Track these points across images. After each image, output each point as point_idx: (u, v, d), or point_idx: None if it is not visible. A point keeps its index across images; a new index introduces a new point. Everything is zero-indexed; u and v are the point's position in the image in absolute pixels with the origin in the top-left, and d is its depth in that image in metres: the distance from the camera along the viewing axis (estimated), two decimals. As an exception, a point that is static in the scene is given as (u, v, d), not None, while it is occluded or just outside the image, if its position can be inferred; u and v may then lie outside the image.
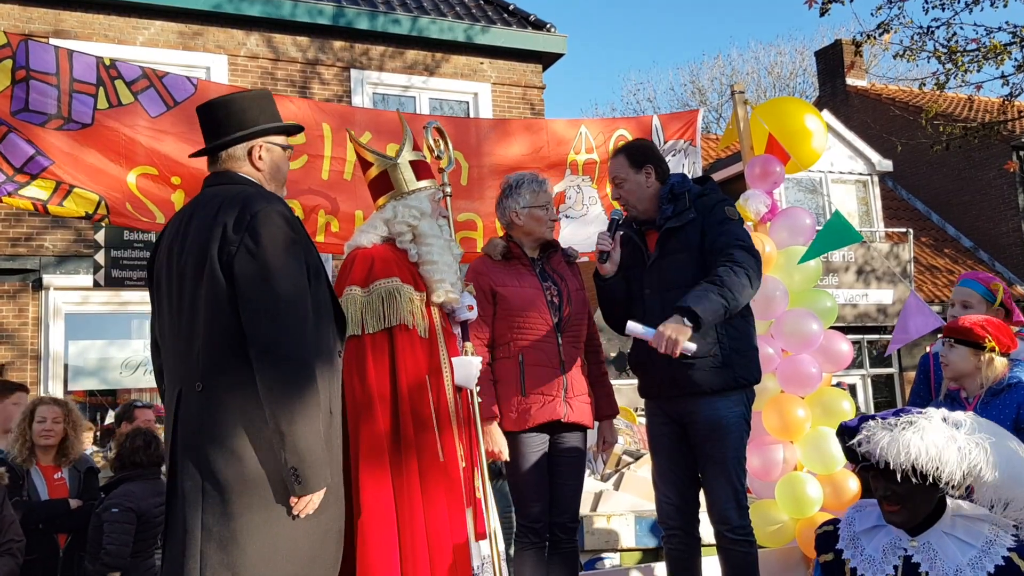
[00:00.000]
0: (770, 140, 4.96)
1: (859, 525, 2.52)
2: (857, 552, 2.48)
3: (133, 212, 3.74)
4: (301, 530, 2.48)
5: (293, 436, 2.39)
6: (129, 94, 3.76)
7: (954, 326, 3.51)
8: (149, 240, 8.25)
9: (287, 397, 2.39)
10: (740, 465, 3.54)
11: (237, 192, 2.61)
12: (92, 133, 3.67)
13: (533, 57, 12.39)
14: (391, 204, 3.24)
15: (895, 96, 18.72)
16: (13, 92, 3.51)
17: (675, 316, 3.21)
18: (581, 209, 4.68)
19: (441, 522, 2.90)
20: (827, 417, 4.52)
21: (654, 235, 3.61)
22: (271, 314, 2.42)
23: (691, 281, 3.40)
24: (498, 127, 4.99)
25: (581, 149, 4.76)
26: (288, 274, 2.47)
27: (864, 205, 16.08)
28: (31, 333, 9.64)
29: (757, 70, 32.03)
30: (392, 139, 4.10)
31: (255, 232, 2.47)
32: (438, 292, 3.14)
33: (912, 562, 2.37)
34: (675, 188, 3.62)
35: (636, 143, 3.93)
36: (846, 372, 13.70)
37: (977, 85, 10.87)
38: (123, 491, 4.32)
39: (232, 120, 2.73)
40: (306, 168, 4.15)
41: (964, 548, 2.33)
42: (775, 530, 4.46)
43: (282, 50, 11.11)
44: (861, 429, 2.39)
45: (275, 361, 2.40)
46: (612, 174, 3.72)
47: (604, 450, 3.92)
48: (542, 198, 3.71)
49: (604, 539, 4.95)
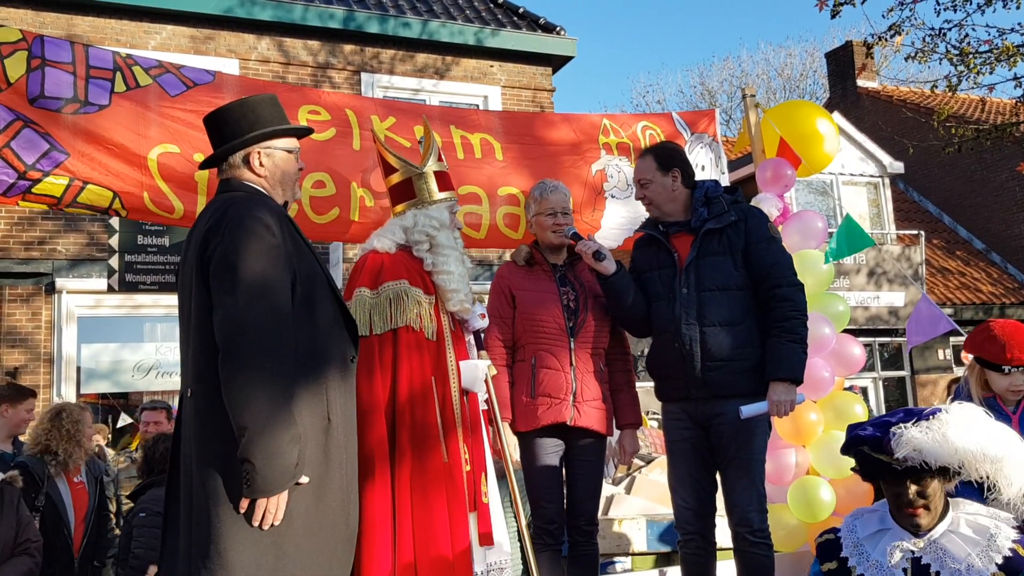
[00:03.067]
0: (781, 144, 4.96)
1: (862, 531, 2.52)
2: (863, 558, 2.48)
3: (151, 206, 3.62)
4: (301, 535, 2.48)
5: (247, 437, 2.34)
6: (147, 77, 3.68)
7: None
8: (163, 244, 8.30)
9: (242, 397, 2.35)
10: (763, 468, 3.57)
11: (224, 200, 2.65)
12: (110, 114, 3.56)
13: (543, 60, 12.40)
14: (411, 212, 3.26)
15: (906, 98, 18.66)
16: (29, 79, 3.44)
17: (777, 384, 3.44)
18: (626, 190, 4.65)
19: (441, 527, 2.89)
20: (839, 421, 4.50)
21: (685, 237, 3.65)
22: (230, 316, 2.41)
23: (730, 283, 3.53)
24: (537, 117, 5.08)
25: (610, 135, 4.74)
26: (250, 276, 2.45)
27: (875, 207, 16.03)
28: (44, 336, 9.70)
29: (767, 72, 32.00)
30: (417, 121, 4.06)
31: (226, 237, 2.49)
32: (452, 301, 3.18)
33: (922, 563, 2.37)
34: (710, 192, 3.68)
35: (666, 146, 3.94)
36: (857, 375, 13.65)
37: (990, 87, 10.85)
38: (151, 496, 4.33)
39: (227, 129, 2.76)
40: (336, 139, 3.99)
41: (970, 543, 2.34)
42: (787, 534, 4.44)
43: (293, 54, 11.15)
44: (891, 436, 2.37)
45: (232, 362, 2.38)
46: (639, 175, 3.76)
47: (624, 460, 3.92)
48: (544, 205, 3.77)
49: (616, 543, 4.94)
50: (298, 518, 2.47)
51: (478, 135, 4.36)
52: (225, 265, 2.46)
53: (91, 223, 9.87)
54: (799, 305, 3.54)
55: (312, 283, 2.64)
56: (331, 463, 2.57)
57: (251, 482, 2.34)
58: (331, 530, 2.56)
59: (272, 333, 2.42)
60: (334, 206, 3.89)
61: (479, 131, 4.38)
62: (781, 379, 3.43)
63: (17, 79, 3.43)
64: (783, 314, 3.50)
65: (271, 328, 2.42)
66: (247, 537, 2.41)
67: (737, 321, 3.51)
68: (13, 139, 3.40)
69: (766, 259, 3.56)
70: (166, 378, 10.29)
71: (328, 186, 3.88)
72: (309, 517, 2.50)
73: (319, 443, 2.54)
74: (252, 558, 2.40)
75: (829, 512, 4.39)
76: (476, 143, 4.33)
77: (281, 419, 2.37)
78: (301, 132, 2.95)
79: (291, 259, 2.57)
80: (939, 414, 2.38)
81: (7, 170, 3.36)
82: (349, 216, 3.93)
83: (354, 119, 4.05)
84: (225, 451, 2.41)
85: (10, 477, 4.23)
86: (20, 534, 4.16)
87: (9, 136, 3.38)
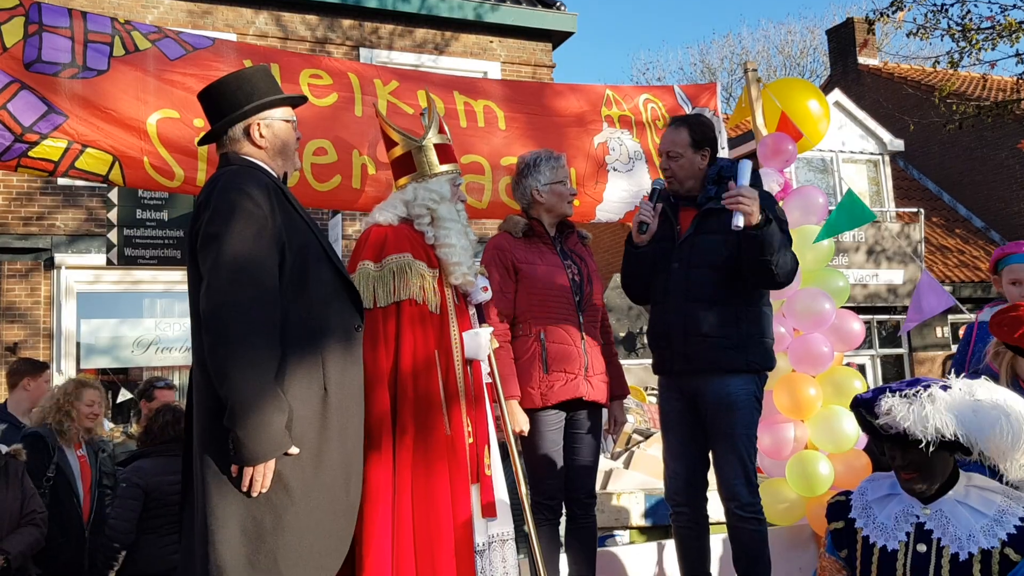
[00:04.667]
0: (782, 118, 4.94)
1: (872, 494, 2.56)
2: (869, 520, 2.51)
3: (151, 171, 3.57)
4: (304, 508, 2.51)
5: (230, 408, 2.38)
6: (146, 42, 3.62)
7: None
8: (161, 219, 8.28)
9: (225, 369, 2.39)
10: (750, 442, 3.55)
11: (217, 174, 2.67)
12: (108, 78, 3.50)
13: (543, 36, 12.33)
14: (412, 186, 3.24)
15: (907, 75, 18.57)
16: (26, 44, 3.37)
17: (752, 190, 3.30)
18: (627, 163, 4.62)
19: (443, 498, 2.90)
20: (838, 396, 4.53)
21: (689, 212, 3.62)
22: (213, 289, 2.45)
23: (721, 262, 3.48)
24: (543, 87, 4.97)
25: (612, 107, 4.70)
26: (233, 250, 2.46)
27: (875, 185, 16.00)
28: (43, 312, 9.71)
29: (767, 49, 31.85)
30: (420, 85, 4.03)
31: (211, 209, 2.52)
32: (455, 274, 3.16)
33: (924, 529, 2.40)
34: (723, 171, 3.60)
35: (701, 120, 3.79)
36: (855, 352, 13.69)
37: (991, 63, 10.81)
38: (134, 467, 4.36)
39: (224, 102, 2.75)
40: (337, 106, 3.94)
41: (977, 516, 2.36)
42: (785, 508, 4.48)
43: (291, 29, 11.08)
44: (878, 401, 2.41)
45: (215, 335, 2.41)
46: (669, 147, 3.63)
47: (614, 431, 3.94)
48: (561, 173, 3.72)
49: (614, 517, 4.98)
50: (296, 487, 2.49)
51: (482, 102, 4.30)
52: (209, 239, 2.49)
53: (89, 198, 9.85)
54: (787, 243, 3.49)
55: (305, 255, 2.65)
56: (328, 433, 2.58)
57: (237, 451, 2.39)
58: (330, 500, 2.58)
59: (253, 306, 2.44)
60: (336, 173, 3.86)
61: (482, 98, 4.33)
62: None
63: (14, 44, 3.36)
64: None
65: (252, 301, 2.44)
66: (245, 505, 2.44)
67: (723, 300, 3.50)
68: (10, 101, 3.32)
69: None
70: (165, 353, 10.31)
71: (330, 153, 3.84)
72: (307, 486, 2.52)
73: (316, 413, 2.56)
74: (251, 525, 2.44)
75: (827, 486, 4.42)
76: (479, 111, 4.27)
77: (264, 390, 2.40)
78: (296, 101, 2.94)
79: (280, 232, 2.58)
80: (932, 388, 2.39)
81: (4, 132, 3.29)
82: (351, 184, 3.89)
83: (356, 84, 4.00)
84: (217, 422, 2.44)
85: (14, 451, 4.26)
86: (26, 505, 4.19)
87: (6, 98, 3.31)
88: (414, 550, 2.82)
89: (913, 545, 2.41)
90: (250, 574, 2.42)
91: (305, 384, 2.54)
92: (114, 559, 4.29)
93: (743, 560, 3.54)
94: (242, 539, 2.42)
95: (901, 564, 2.41)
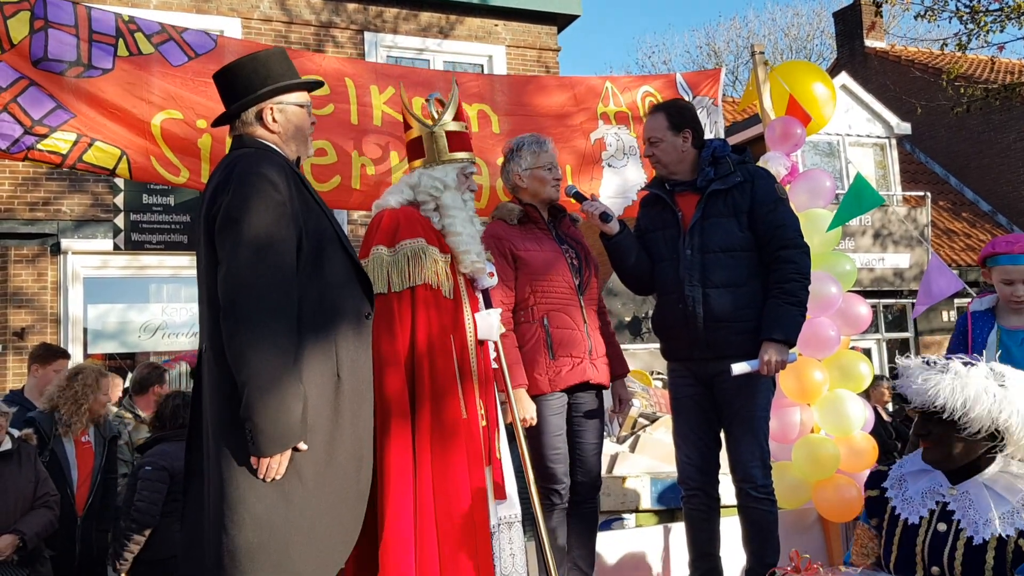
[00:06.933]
0: (791, 101, 4.92)
1: (908, 467, 2.57)
2: (900, 492, 2.53)
3: (158, 166, 3.63)
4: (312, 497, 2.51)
5: (247, 395, 2.35)
6: (150, 46, 3.68)
7: None
8: (168, 204, 8.29)
9: (243, 355, 2.36)
10: (766, 425, 3.58)
11: (233, 157, 2.64)
12: (113, 78, 3.56)
13: (548, 19, 12.26)
14: (418, 171, 3.24)
15: (915, 58, 18.45)
16: (32, 41, 3.42)
17: (769, 344, 3.42)
18: (622, 159, 4.64)
19: (461, 479, 2.92)
20: (844, 380, 4.53)
21: (690, 197, 3.62)
22: (232, 273, 2.42)
23: (734, 245, 3.51)
24: (532, 81, 5.00)
25: (610, 103, 4.72)
26: (253, 233, 2.44)
27: (882, 168, 15.92)
28: (50, 297, 9.72)
29: (774, 32, 31.68)
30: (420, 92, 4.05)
31: (231, 194, 2.49)
32: (464, 262, 3.16)
33: (948, 508, 2.41)
34: (717, 152, 3.62)
35: (678, 104, 3.85)
36: (861, 336, 13.68)
37: (999, 46, 10.73)
38: (158, 451, 4.38)
39: (239, 85, 2.74)
40: (334, 116, 4.05)
41: (1000, 501, 2.35)
42: (791, 491, 4.49)
43: (295, 12, 11.03)
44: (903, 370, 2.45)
45: (233, 319, 2.39)
46: (648, 133, 3.68)
47: (620, 410, 3.94)
48: (543, 159, 3.71)
49: (620, 500, 5.00)
50: (309, 473, 2.49)
51: (476, 106, 4.36)
52: (229, 222, 2.46)
53: (96, 184, 9.84)
54: (802, 268, 3.53)
55: (321, 239, 2.63)
56: (341, 420, 2.58)
57: (254, 440, 2.37)
58: (342, 486, 2.58)
59: (274, 290, 2.42)
60: (335, 174, 3.98)
61: (476, 102, 4.38)
62: (774, 340, 3.43)
63: (21, 40, 3.42)
64: (784, 276, 3.49)
65: (273, 286, 2.42)
66: (258, 491, 2.43)
67: (740, 283, 3.51)
68: (20, 95, 3.40)
69: (773, 220, 3.54)
70: (172, 338, 10.33)
71: (330, 154, 3.95)
72: (319, 472, 2.51)
73: (328, 400, 2.55)
74: (263, 511, 2.43)
75: (833, 470, 4.43)
76: (473, 115, 4.34)
77: (283, 377, 2.38)
78: (312, 85, 2.93)
79: (298, 216, 2.56)
80: (951, 363, 2.40)
81: (13, 124, 3.35)
82: (350, 184, 3.99)
83: (352, 91, 4.09)
84: (232, 407, 2.43)
85: (25, 435, 4.29)
86: (39, 487, 4.22)
87: (15, 92, 3.39)
88: (436, 530, 2.84)
89: (934, 523, 2.41)
90: (261, 561, 2.42)
91: (319, 371, 2.53)
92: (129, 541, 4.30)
93: (754, 541, 3.56)
94: (253, 526, 2.42)
95: (921, 540, 2.42)
